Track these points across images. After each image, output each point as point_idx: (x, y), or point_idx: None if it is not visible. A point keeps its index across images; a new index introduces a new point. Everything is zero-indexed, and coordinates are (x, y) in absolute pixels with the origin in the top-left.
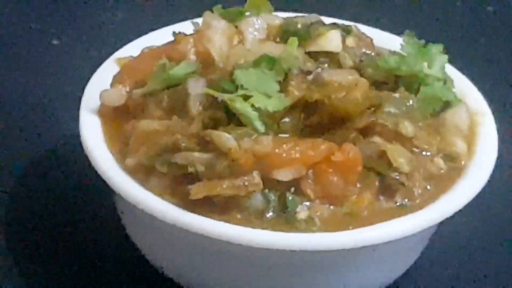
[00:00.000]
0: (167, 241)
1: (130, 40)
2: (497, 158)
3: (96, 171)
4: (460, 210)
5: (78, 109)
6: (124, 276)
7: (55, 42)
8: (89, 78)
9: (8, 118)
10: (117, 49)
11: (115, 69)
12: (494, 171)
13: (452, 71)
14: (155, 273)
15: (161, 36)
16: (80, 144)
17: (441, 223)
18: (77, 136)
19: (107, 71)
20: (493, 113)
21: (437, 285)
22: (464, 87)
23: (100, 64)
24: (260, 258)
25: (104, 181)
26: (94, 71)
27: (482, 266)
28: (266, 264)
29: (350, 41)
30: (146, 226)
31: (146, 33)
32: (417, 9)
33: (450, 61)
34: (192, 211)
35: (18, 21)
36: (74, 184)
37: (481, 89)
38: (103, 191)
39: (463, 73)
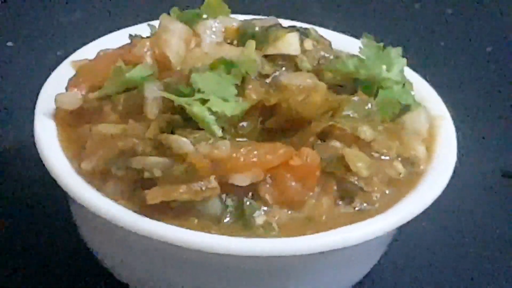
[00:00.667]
0: (123, 247)
1: (86, 42)
2: (456, 162)
3: (51, 176)
4: (419, 215)
5: (34, 112)
6: (79, 283)
7: (9, 44)
8: (44, 81)
9: None
10: (72, 52)
11: (71, 72)
12: (453, 175)
13: (411, 75)
14: (111, 279)
15: (117, 39)
16: (35, 148)
17: (400, 228)
18: (33, 139)
19: (62, 74)
20: (452, 117)
21: None
22: (423, 90)
23: (56, 66)
24: (217, 264)
25: (59, 186)
26: (50, 74)
27: (441, 271)
28: (223, 270)
29: (308, 44)
30: (101, 232)
31: (102, 35)
32: (375, 11)
33: (409, 65)
34: (149, 216)
35: None
36: (29, 189)
37: (440, 92)
38: (59, 197)
39: (423, 77)
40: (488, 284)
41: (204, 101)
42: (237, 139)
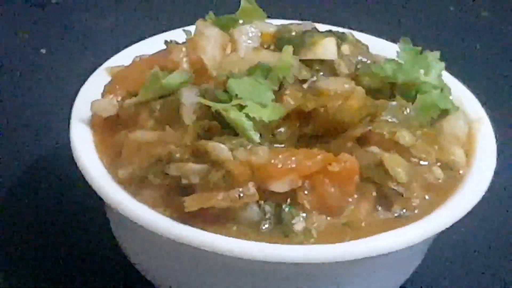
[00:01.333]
0: (161, 255)
1: (120, 49)
2: (496, 165)
3: (88, 183)
4: (459, 220)
5: (69, 119)
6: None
7: (43, 50)
8: (79, 88)
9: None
10: (107, 58)
11: (106, 78)
12: (493, 178)
13: (449, 78)
14: (144, 284)
15: (152, 45)
16: (71, 155)
17: (441, 232)
18: (69, 146)
19: (98, 80)
20: (491, 120)
21: None
22: (461, 94)
23: (89, 73)
24: (256, 271)
25: (96, 193)
26: (85, 80)
27: (482, 275)
28: (262, 277)
29: (345, 48)
30: (139, 239)
31: (137, 41)
32: (413, 16)
33: (447, 68)
34: (187, 223)
35: (5, 31)
36: (66, 196)
37: (479, 96)
38: (95, 203)
39: (460, 80)
40: None
41: (241, 107)
42: (275, 145)
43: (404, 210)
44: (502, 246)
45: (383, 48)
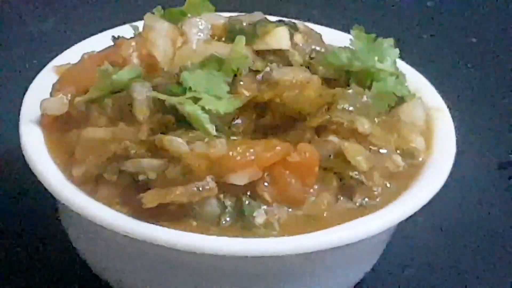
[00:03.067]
0: (120, 254)
1: (64, 49)
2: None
3: (41, 184)
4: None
5: (18, 120)
6: None
7: None
8: (26, 89)
9: None
10: (50, 60)
11: (54, 77)
12: (452, 166)
13: (403, 66)
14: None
15: (100, 42)
16: (22, 157)
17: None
18: (20, 148)
19: (45, 79)
20: (448, 108)
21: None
22: (417, 82)
23: (35, 74)
24: (218, 267)
25: (50, 194)
26: (31, 81)
27: (441, 265)
28: (224, 272)
29: (298, 38)
30: (95, 239)
31: (80, 41)
32: (363, 7)
33: (402, 57)
34: (145, 220)
35: None
36: (20, 199)
37: (434, 84)
38: (48, 205)
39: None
40: (489, 278)
41: (196, 100)
42: (232, 138)
43: (366, 199)
44: (462, 234)
45: (335, 38)
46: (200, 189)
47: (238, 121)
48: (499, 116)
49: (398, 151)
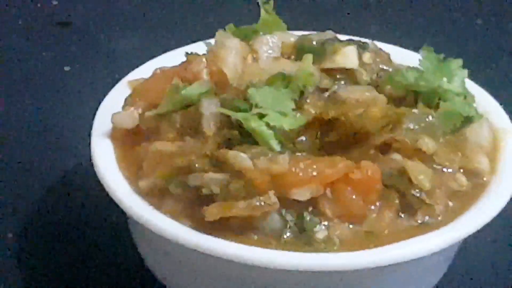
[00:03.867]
0: (183, 266)
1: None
2: None
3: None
4: (483, 227)
5: (90, 133)
6: None
7: (66, 68)
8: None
9: (22, 145)
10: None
11: (128, 91)
12: None
13: (472, 87)
14: None
15: (174, 58)
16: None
17: (466, 240)
18: (91, 161)
19: (119, 94)
20: None
21: None
22: (485, 102)
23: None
24: (279, 281)
25: (118, 206)
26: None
27: (508, 282)
28: (286, 287)
29: (366, 57)
30: (162, 251)
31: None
32: (436, 26)
33: (471, 77)
34: (208, 233)
35: (30, 49)
36: (90, 210)
37: (504, 105)
38: (118, 216)
39: (484, 89)
40: None
41: (261, 116)
42: (297, 154)
43: (428, 217)
44: None
45: (405, 57)
46: (262, 203)
47: (303, 138)
48: None
49: (462, 171)
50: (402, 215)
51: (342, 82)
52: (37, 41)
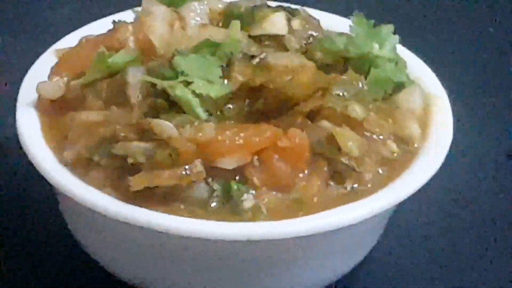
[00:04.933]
0: (109, 236)
1: None
2: (455, 143)
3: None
4: (414, 195)
5: (15, 102)
6: (67, 274)
7: None
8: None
9: None
10: None
11: (54, 61)
12: (451, 156)
13: (404, 52)
14: (98, 270)
15: (101, 26)
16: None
17: (396, 208)
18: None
19: (45, 63)
20: (448, 95)
21: (393, 274)
22: (417, 68)
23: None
24: (205, 251)
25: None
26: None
27: (438, 252)
28: (211, 257)
29: (296, 23)
30: (87, 221)
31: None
32: None
33: (402, 43)
34: (134, 203)
35: None
36: (15, 181)
37: (435, 70)
38: (44, 188)
39: (416, 54)
40: (489, 267)
41: (187, 84)
42: (223, 122)
43: (357, 185)
44: (456, 220)
45: (335, 24)
46: (188, 172)
47: (230, 106)
48: (505, 103)
49: (392, 137)
50: (331, 183)
51: (271, 49)
52: None
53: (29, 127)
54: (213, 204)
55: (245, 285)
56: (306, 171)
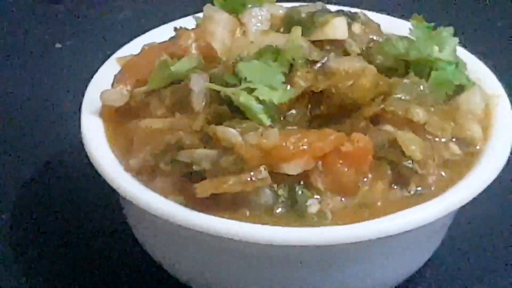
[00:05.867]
0: (175, 243)
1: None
2: None
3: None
4: (478, 196)
5: (80, 111)
6: (134, 279)
7: (58, 45)
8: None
9: (13, 122)
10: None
11: (117, 69)
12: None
13: (464, 54)
14: (165, 276)
15: (163, 33)
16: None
17: (460, 210)
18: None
19: (108, 71)
20: (509, 95)
21: (459, 275)
22: (478, 69)
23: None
24: (273, 256)
25: (109, 184)
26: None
27: (503, 254)
28: (279, 261)
29: (356, 27)
30: (153, 228)
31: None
32: None
33: (463, 45)
34: (200, 210)
35: (20, 26)
36: (80, 187)
37: (496, 71)
38: (109, 194)
39: (477, 56)
40: None
41: (251, 90)
42: (286, 128)
43: (420, 188)
44: None
45: (395, 27)
46: (253, 178)
47: (293, 111)
48: None
49: (454, 140)
50: (395, 187)
51: (332, 54)
52: (26, 18)
53: (94, 135)
54: (279, 210)
55: None
56: (369, 175)
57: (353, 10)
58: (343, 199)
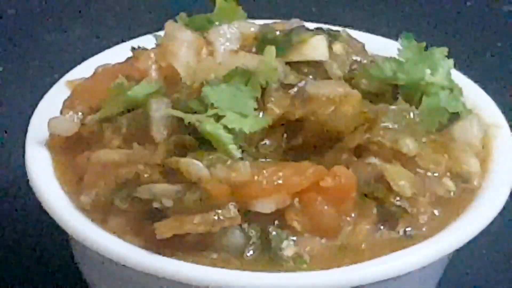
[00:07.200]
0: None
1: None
2: None
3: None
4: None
5: (24, 141)
6: None
7: None
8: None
9: None
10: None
11: (66, 93)
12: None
13: (460, 78)
14: None
15: (119, 53)
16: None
17: (456, 252)
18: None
19: (56, 96)
20: (510, 125)
21: None
22: (475, 96)
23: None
24: None
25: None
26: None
27: None
28: None
29: (338, 47)
30: (107, 273)
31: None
32: (418, 10)
33: (458, 67)
34: (160, 253)
35: None
36: (26, 227)
37: (495, 98)
38: (58, 235)
39: (473, 80)
40: None
41: (218, 118)
42: (259, 160)
43: (410, 229)
44: None
45: (382, 47)
46: (221, 217)
47: (266, 141)
48: None
49: (449, 174)
50: (382, 227)
51: (310, 77)
52: None
53: (41, 169)
54: (250, 253)
55: None
56: (353, 214)
57: (334, 28)
58: (322, 241)
